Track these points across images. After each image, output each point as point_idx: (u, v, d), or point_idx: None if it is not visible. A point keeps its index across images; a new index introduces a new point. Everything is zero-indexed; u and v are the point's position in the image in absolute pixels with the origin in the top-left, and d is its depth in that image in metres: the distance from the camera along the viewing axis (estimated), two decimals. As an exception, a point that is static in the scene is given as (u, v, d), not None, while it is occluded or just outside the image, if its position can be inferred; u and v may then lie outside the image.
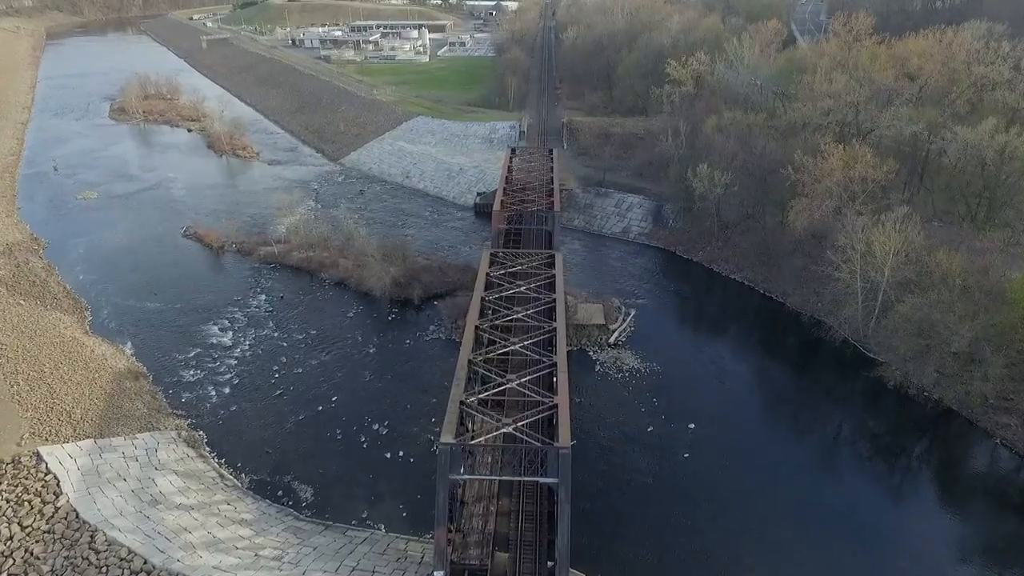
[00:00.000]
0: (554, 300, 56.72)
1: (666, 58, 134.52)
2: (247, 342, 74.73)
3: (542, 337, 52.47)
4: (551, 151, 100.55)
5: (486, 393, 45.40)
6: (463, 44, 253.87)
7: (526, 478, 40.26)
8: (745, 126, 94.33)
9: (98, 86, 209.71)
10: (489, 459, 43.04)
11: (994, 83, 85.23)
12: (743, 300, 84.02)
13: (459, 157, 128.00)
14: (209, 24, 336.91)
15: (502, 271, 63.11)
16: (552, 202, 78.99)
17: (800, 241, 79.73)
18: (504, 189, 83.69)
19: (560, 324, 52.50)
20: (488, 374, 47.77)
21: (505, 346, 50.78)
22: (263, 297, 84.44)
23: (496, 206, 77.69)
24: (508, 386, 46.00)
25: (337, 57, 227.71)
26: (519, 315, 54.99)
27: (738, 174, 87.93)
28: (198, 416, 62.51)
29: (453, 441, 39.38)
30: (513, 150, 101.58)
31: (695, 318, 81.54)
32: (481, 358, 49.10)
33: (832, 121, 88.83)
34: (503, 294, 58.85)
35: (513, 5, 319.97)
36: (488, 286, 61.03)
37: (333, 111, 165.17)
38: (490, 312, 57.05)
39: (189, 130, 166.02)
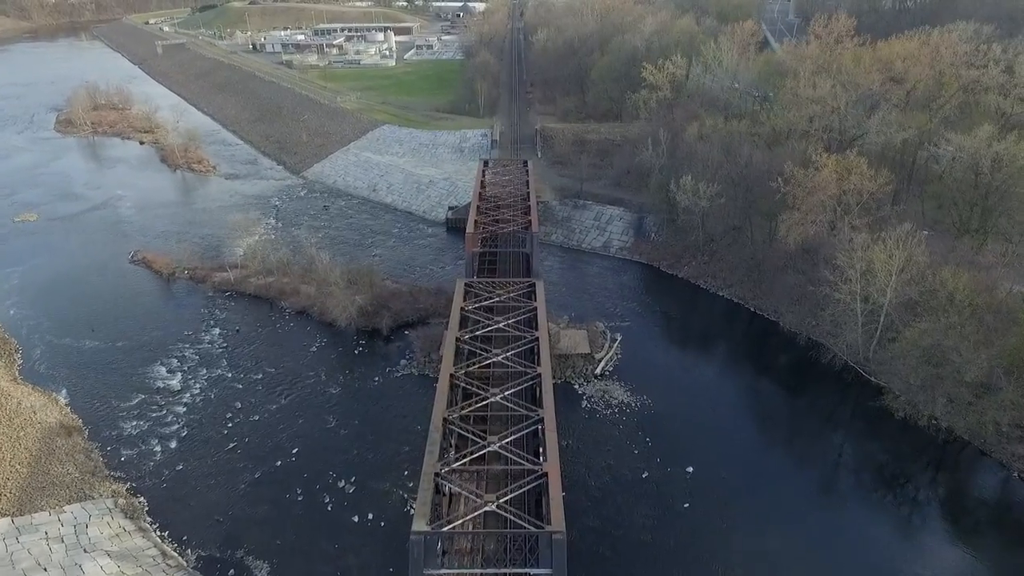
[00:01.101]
0: (537, 339, 51.14)
1: (640, 61, 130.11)
2: (198, 385, 67.75)
3: (526, 384, 46.84)
4: (526, 163, 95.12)
5: (463, 461, 39.56)
6: (430, 47, 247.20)
7: (513, 571, 34.51)
8: (727, 134, 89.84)
9: (44, 96, 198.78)
10: (468, 545, 37.30)
11: (986, 87, 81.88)
12: (734, 319, 79.46)
13: (428, 168, 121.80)
14: (166, 28, 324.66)
15: (478, 304, 57.31)
16: (529, 221, 73.49)
17: (792, 256, 75.35)
18: (478, 207, 77.88)
19: (545, 370, 46.94)
20: (465, 433, 41.98)
21: (484, 398, 45.00)
22: (217, 331, 77.39)
23: (469, 227, 71.82)
24: (489, 448, 40.25)
25: (299, 62, 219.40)
26: (498, 358, 49.26)
27: (723, 185, 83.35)
28: (139, 478, 55.55)
29: (427, 529, 33.51)
30: (486, 162, 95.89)
31: (685, 341, 76.64)
32: (457, 414, 43.29)
33: (818, 128, 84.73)
34: (480, 332, 53.09)
35: (481, 6, 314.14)
36: (463, 323, 55.21)
37: (295, 120, 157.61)
38: (466, 355, 51.21)
39: (141, 142, 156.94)
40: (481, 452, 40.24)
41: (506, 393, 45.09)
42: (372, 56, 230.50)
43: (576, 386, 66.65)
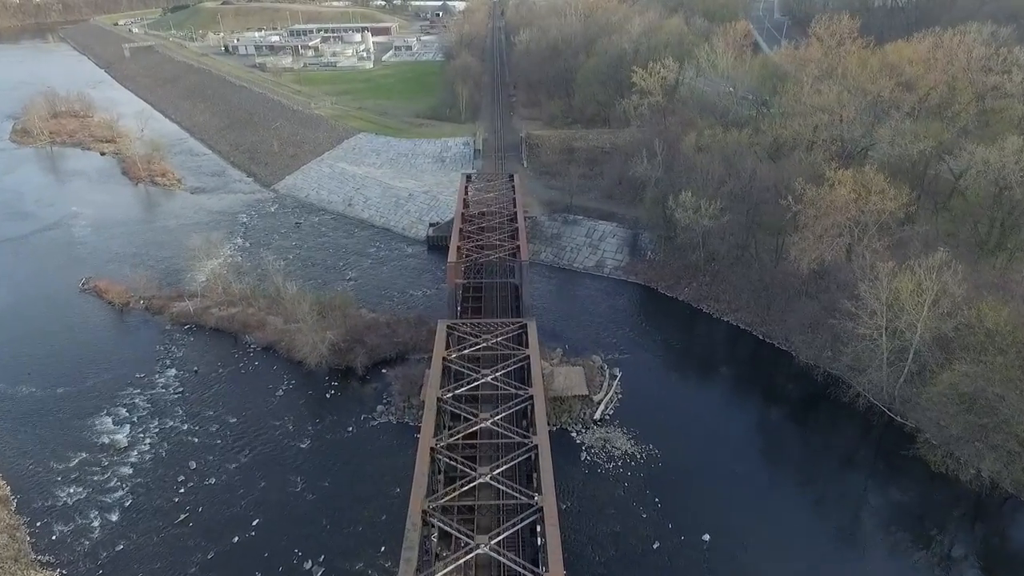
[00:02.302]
0: (531, 397, 44.29)
1: (628, 63, 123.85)
2: (148, 440, 60.13)
3: (521, 459, 40.00)
4: (511, 177, 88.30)
5: (449, 568, 32.61)
6: (409, 48, 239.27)
7: None
8: (727, 144, 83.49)
9: (1, 103, 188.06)
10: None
11: (1007, 94, 76.26)
12: (741, 349, 73.15)
13: (408, 181, 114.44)
14: (135, 30, 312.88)
15: (462, 352, 50.33)
16: (518, 247, 66.66)
17: (804, 281, 69.20)
18: (460, 231, 70.98)
19: (543, 439, 40.11)
20: (449, 530, 35.04)
21: (471, 479, 38.07)
22: (172, 372, 69.71)
23: (451, 255, 64.83)
24: (480, 551, 33.36)
25: (273, 65, 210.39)
26: (487, 423, 42.36)
27: (726, 201, 77.03)
28: (72, 562, 48.05)
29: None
30: (468, 177, 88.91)
31: (690, 376, 70.05)
32: (440, 504, 36.33)
33: (825, 138, 78.65)
34: (464, 391, 46.15)
35: (460, 5, 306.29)
36: (446, 375, 48.25)
37: (267, 128, 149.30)
38: (448, 419, 44.30)
39: (102, 153, 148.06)
40: (470, 555, 33.33)
41: (497, 473, 38.20)
42: (349, 58, 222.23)
43: (574, 433, 59.91)
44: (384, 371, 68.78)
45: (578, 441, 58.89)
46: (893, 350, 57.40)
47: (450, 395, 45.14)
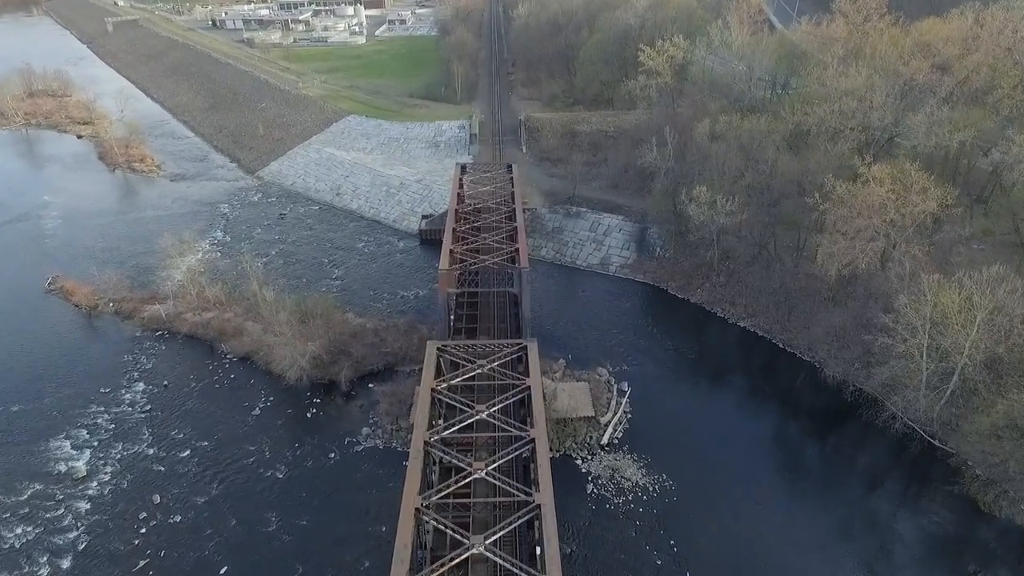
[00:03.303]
0: (533, 441, 38.44)
1: (633, 40, 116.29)
2: (109, 468, 54.50)
3: (522, 519, 34.29)
4: (510, 167, 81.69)
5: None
6: (403, 22, 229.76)
7: None
8: (745, 132, 76.64)
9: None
10: None
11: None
12: (760, 358, 67.32)
13: (400, 168, 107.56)
14: (120, 2, 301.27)
15: (454, 380, 44.38)
16: (517, 250, 60.45)
17: (832, 287, 63.16)
18: (453, 231, 64.67)
19: (546, 498, 34.36)
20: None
21: (465, 547, 32.38)
22: (141, 387, 63.89)
23: (443, 261, 58.65)
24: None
25: (261, 40, 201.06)
26: (480, 473, 36.56)
27: (744, 196, 70.58)
28: (14, 622, 42.72)
29: None
30: (463, 168, 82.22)
31: (705, 391, 64.13)
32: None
33: (853, 127, 71.89)
34: (455, 433, 40.27)
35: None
36: (435, 409, 42.40)
37: (252, 109, 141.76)
38: (437, 469, 38.56)
39: (79, 136, 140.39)
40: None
41: (493, 540, 32.51)
42: (341, 33, 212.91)
43: (578, 460, 54.30)
44: (371, 385, 63.03)
45: (584, 470, 53.29)
46: (935, 372, 51.55)
47: (439, 438, 39.27)
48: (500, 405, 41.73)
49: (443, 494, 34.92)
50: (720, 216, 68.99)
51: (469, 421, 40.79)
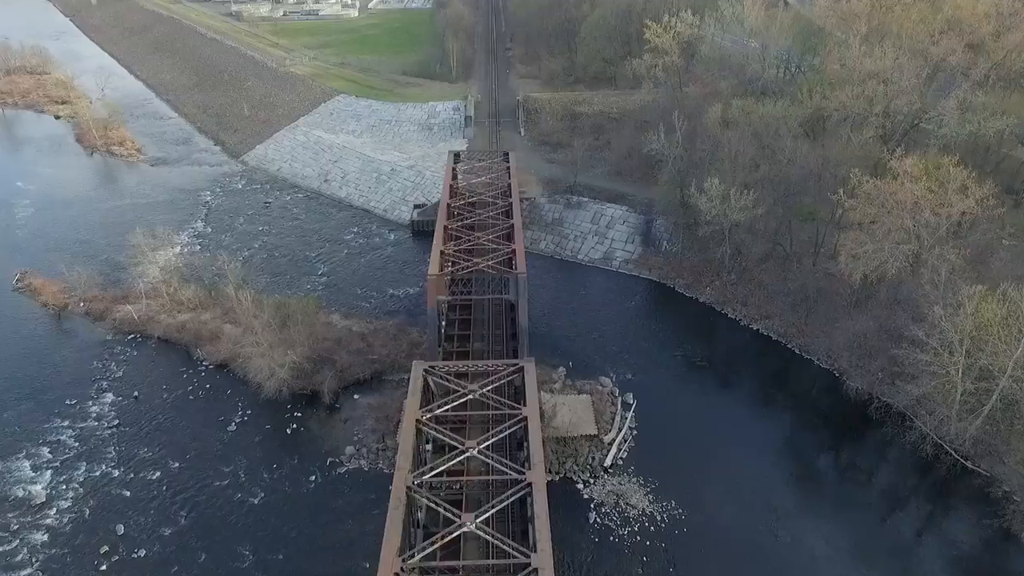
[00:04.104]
0: (528, 486, 33.91)
1: (638, 15, 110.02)
2: (71, 492, 50.22)
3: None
4: (506, 155, 76.26)
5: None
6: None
7: None
8: (760, 118, 71.07)
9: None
10: None
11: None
12: (776, 365, 62.81)
13: (391, 152, 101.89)
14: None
15: (442, 409, 39.70)
16: (513, 251, 55.52)
17: (856, 290, 58.37)
18: (446, 230, 59.66)
19: (545, 559, 29.90)
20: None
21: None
22: (109, 398, 59.42)
23: (432, 266, 53.70)
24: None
25: (249, 14, 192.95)
26: (470, 526, 32.06)
27: (759, 190, 65.38)
28: (-44, 678, 38.71)
29: None
30: (457, 156, 76.83)
31: (717, 403, 59.19)
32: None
33: (879, 113, 66.37)
34: (442, 476, 35.69)
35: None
36: (420, 442, 37.87)
37: (238, 87, 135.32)
38: (422, 516, 34.10)
39: (57, 116, 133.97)
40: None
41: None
42: (332, 5, 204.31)
43: (580, 485, 49.99)
44: (357, 396, 58.69)
45: (585, 496, 49.02)
46: (971, 391, 47.00)
47: (424, 480, 34.76)
48: (495, 439, 37.16)
49: (426, 553, 30.49)
50: (733, 212, 63.80)
51: (459, 459, 36.23)
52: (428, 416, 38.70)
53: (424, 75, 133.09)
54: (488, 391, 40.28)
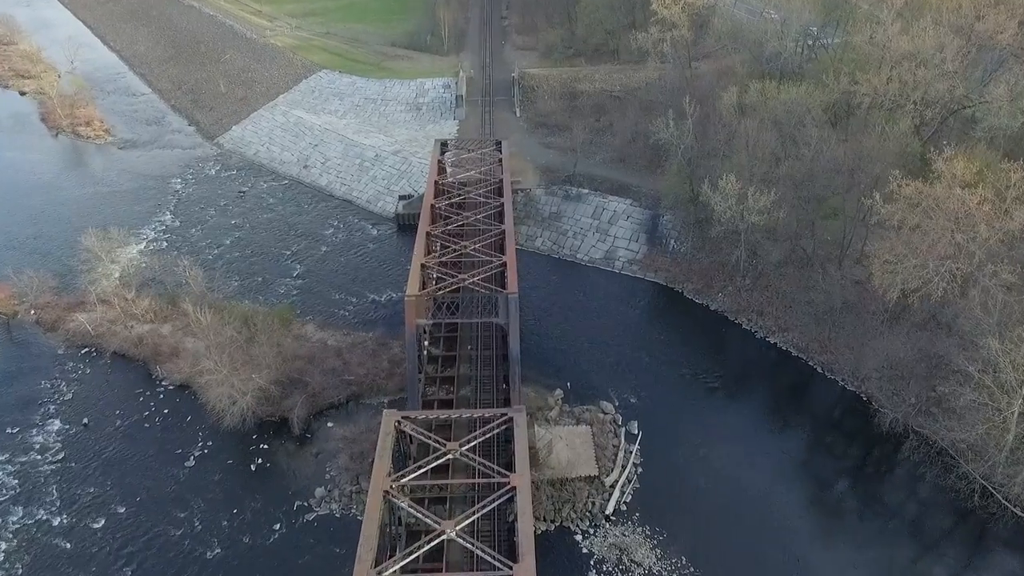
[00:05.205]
0: (516, 585, 27.98)
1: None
2: (2, 545, 44.46)
3: None
4: (499, 145, 69.22)
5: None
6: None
7: None
8: (781, 104, 63.58)
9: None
10: None
11: None
12: (796, 386, 56.82)
13: (375, 136, 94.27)
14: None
15: (415, 475, 33.53)
16: (504, 264, 49.01)
17: (890, 308, 51.91)
18: (428, 237, 53.02)
19: None
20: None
21: None
22: (55, 426, 53.45)
23: (411, 284, 47.18)
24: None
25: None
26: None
27: (782, 188, 58.42)
28: None
29: None
30: (444, 145, 69.73)
31: (732, 434, 52.08)
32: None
33: (918, 100, 58.97)
34: (415, 559, 29.74)
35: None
36: (389, 514, 31.84)
37: (215, 61, 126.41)
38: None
39: (23, 92, 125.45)
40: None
41: None
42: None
43: (578, 535, 44.18)
44: (330, 425, 52.76)
45: (584, 550, 43.27)
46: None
47: (393, 572, 28.79)
48: (478, 515, 31.16)
49: None
50: (751, 215, 56.90)
51: (435, 542, 30.25)
52: (400, 484, 32.59)
53: (413, 47, 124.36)
54: (474, 447, 34.17)
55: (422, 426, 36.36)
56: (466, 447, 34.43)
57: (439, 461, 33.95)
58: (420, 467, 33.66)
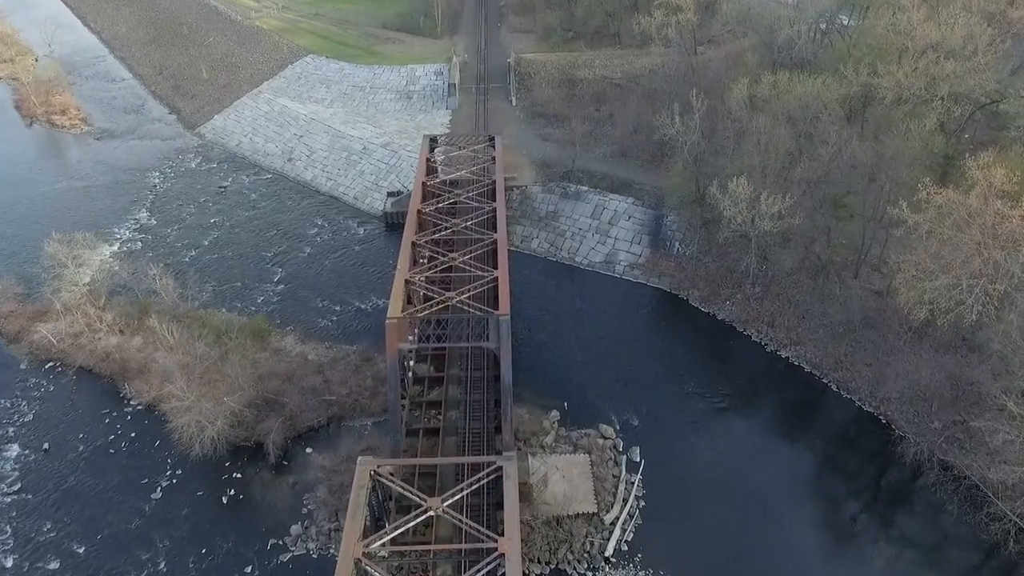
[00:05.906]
0: None
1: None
2: (-50, 590, 41.10)
3: None
4: (492, 140, 64.66)
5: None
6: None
7: None
8: (796, 98, 58.91)
9: None
10: None
11: None
12: (809, 406, 52.88)
13: (364, 126, 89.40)
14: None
15: (391, 537, 29.75)
16: (496, 280, 44.91)
17: (914, 327, 47.93)
18: (414, 247, 48.84)
19: None
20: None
21: None
22: (14, 452, 49.76)
23: (394, 305, 43.13)
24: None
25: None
26: None
27: (798, 192, 54.05)
28: None
29: None
30: (433, 141, 65.15)
31: (740, 460, 48.21)
32: None
33: (943, 95, 54.37)
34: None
35: None
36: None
37: (198, 44, 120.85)
38: None
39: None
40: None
41: None
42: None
43: (575, 581, 40.74)
44: (309, 451, 49.01)
45: (582, 599, 39.85)
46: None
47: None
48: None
49: None
50: (765, 222, 52.60)
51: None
52: (372, 548, 28.83)
53: (406, 29, 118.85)
54: (458, 501, 30.38)
55: (402, 474, 32.51)
56: (450, 501, 30.62)
57: (418, 519, 30.16)
58: (397, 527, 29.85)
